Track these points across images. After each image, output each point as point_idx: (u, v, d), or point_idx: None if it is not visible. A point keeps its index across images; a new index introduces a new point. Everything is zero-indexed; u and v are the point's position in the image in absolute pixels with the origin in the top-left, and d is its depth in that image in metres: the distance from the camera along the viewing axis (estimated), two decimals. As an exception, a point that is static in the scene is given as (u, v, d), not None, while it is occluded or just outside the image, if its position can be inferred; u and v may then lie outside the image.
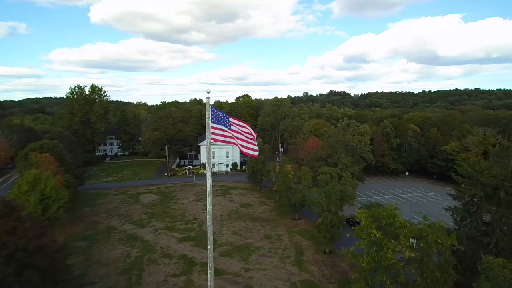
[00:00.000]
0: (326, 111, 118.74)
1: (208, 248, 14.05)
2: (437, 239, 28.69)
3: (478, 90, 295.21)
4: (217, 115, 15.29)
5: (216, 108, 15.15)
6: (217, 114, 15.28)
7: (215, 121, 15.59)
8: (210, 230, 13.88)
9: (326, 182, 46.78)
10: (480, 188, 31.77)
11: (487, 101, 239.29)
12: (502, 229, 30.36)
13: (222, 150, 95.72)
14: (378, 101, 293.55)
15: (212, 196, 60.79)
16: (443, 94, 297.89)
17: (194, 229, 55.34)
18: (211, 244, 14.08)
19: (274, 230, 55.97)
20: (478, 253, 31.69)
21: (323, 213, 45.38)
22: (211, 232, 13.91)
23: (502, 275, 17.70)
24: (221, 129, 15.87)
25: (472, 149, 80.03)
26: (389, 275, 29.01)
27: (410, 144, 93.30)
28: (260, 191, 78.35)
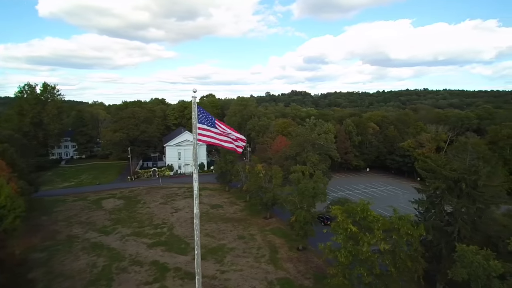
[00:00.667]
0: (291, 111, 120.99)
1: (196, 253, 13.46)
2: (407, 231, 30.47)
3: (427, 90, 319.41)
4: (203, 115, 14.80)
5: (201, 107, 14.63)
6: (203, 114, 14.78)
7: (201, 121, 15.07)
8: (198, 234, 13.27)
9: (299, 180, 47.62)
10: (442, 181, 34.20)
11: (435, 101, 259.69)
12: (464, 219, 32.92)
13: (189, 151, 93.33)
14: (337, 100, 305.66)
15: (181, 198, 59.07)
16: (396, 94, 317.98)
17: (164, 234, 53.33)
18: (199, 248, 13.50)
19: (246, 230, 55.78)
20: (443, 241, 34.14)
21: (296, 211, 46.08)
22: (199, 236, 13.34)
23: (476, 261, 19.17)
24: (207, 129, 15.40)
25: (426, 145, 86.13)
26: (366, 267, 30.16)
27: (370, 141, 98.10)
28: (229, 192, 77.72)
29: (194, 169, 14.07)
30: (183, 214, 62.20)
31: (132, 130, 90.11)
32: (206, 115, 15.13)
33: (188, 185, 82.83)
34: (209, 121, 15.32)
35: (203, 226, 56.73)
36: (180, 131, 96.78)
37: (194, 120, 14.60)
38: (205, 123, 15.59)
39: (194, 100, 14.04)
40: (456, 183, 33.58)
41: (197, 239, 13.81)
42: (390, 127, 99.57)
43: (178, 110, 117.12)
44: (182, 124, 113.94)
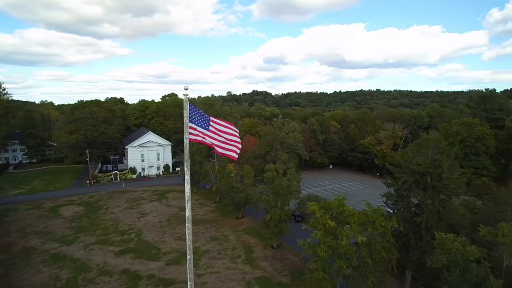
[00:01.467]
0: (255, 110, 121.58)
1: (188, 258, 12.88)
2: (382, 223, 32.01)
3: (379, 91, 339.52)
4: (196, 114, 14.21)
5: (194, 106, 14.07)
6: (196, 113, 14.19)
7: (193, 120, 14.51)
8: (190, 238, 12.71)
9: (273, 179, 47.88)
10: (410, 175, 36.40)
11: (387, 100, 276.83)
12: (430, 210, 35.31)
13: (153, 152, 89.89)
14: (297, 100, 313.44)
15: (147, 202, 56.89)
16: (351, 94, 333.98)
17: (132, 240, 50.69)
18: (191, 253, 12.89)
19: (219, 231, 54.97)
20: (411, 231, 36.35)
21: (271, 210, 46.32)
22: (191, 240, 12.78)
23: (454, 248, 20.67)
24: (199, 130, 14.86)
25: (384, 142, 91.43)
26: (345, 260, 31.16)
27: (333, 139, 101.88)
28: (198, 193, 76.10)
29: (186, 170, 13.38)
30: (151, 219, 59.65)
31: (90, 131, 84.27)
32: (199, 114, 14.48)
33: (153, 188, 79.66)
34: (203, 121, 14.72)
35: (173, 230, 55.00)
36: (143, 131, 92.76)
37: (185, 119, 13.96)
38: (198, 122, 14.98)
39: (185, 98, 13.39)
40: (422, 177, 35.92)
41: (189, 243, 13.10)
42: (350, 125, 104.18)
43: (139, 110, 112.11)
44: (144, 124, 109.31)
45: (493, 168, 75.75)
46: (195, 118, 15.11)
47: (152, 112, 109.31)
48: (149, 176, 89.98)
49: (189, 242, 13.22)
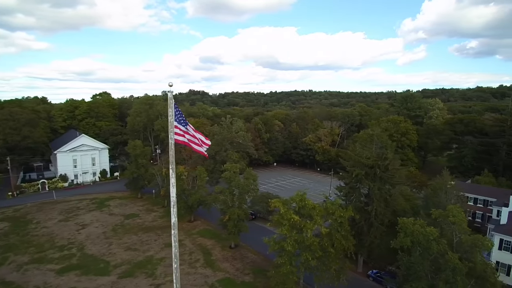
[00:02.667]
0: (198, 110, 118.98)
1: (174, 266, 12.33)
2: (341, 214, 34.18)
3: (312, 92, 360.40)
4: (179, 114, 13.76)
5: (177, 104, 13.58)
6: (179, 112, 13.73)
7: (177, 120, 14.00)
8: (176, 245, 12.14)
9: (230, 178, 47.42)
10: (361, 168, 39.48)
11: (318, 100, 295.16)
12: (378, 198, 38.79)
13: (87, 157, 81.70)
14: (235, 100, 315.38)
15: (85, 211, 52.73)
16: (286, 94, 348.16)
17: (74, 255, 45.53)
18: (177, 261, 12.40)
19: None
20: (363, 219, 39.46)
21: (229, 210, 45.89)
22: (177, 247, 12.22)
23: (416, 230, 23.09)
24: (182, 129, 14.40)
25: (324, 139, 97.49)
26: (310, 252, 32.50)
27: (276, 138, 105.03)
28: (143, 198, 71.60)
29: (172, 172, 12.65)
30: (93, 230, 54.27)
31: (10, 135, 72.73)
32: (181, 114, 14.00)
33: (90, 196, 72.48)
34: (183, 121, 14.26)
35: (121, 240, 50.93)
36: (74, 134, 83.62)
37: (170, 118, 13.26)
38: (181, 122, 14.43)
39: (170, 95, 12.80)
40: (371, 169, 39.27)
41: (176, 251, 12.45)
42: (292, 124, 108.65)
43: (67, 111, 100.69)
44: (73, 126, 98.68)
45: (416, 159, 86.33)
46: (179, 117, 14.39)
47: (83, 112, 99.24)
48: (84, 183, 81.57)
49: (175, 250, 12.42)
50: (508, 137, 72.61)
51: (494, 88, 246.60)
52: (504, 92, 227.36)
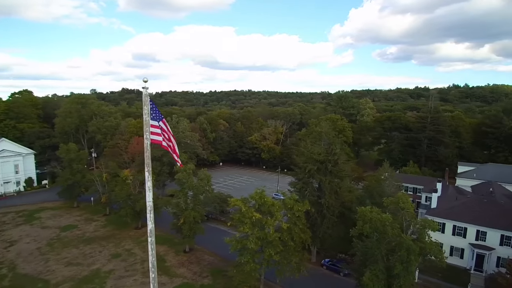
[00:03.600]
0: (136, 110, 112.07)
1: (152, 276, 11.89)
2: (299, 208, 35.56)
3: (251, 91, 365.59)
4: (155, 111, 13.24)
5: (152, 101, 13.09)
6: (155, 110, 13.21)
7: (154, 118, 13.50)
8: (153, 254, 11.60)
9: (183, 180, 45.75)
10: (313, 164, 41.51)
11: (258, 100, 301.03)
12: (329, 191, 41.24)
13: (9, 164, 71.25)
14: (173, 99, 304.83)
15: (12, 226, 47.87)
16: (226, 94, 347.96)
17: (5, 277, 39.81)
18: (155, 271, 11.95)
19: (120, 246, 48.94)
20: (316, 212, 41.55)
21: (184, 212, 44.35)
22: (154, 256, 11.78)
23: (374, 217, 25.14)
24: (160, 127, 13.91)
25: (268, 138, 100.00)
26: (272, 248, 33.17)
27: (222, 137, 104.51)
28: (80, 207, 65.17)
29: (148, 175, 12.04)
30: (25, 246, 47.76)
31: None
32: (158, 112, 13.37)
33: (16, 208, 63.48)
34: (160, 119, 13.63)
35: (59, 255, 45.78)
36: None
37: (145, 116, 12.63)
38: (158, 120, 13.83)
39: (145, 91, 12.14)
40: (322, 164, 41.57)
41: (153, 259, 11.90)
42: (237, 123, 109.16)
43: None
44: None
45: (352, 154, 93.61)
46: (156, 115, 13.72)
47: (0, 113, 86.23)
48: (5, 194, 70.98)
49: (152, 258, 11.80)
50: (428, 132, 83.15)
51: (411, 89, 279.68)
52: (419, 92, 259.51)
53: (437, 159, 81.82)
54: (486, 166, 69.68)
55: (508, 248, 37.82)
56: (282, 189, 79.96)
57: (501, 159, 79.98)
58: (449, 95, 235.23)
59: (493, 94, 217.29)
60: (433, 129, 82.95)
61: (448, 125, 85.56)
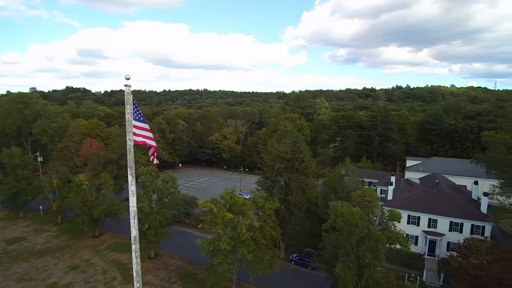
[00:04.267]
0: (86, 110, 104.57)
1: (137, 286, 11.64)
2: (269, 206, 36.07)
3: (207, 91, 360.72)
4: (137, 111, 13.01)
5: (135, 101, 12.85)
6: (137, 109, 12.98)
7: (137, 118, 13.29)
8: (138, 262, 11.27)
9: (147, 183, 43.82)
10: (280, 162, 42.30)
11: (214, 100, 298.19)
12: (297, 189, 42.34)
13: None
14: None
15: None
16: (181, 93, 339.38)
17: None
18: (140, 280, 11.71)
19: (76, 257, 45.50)
20: (284, 208, 42.40)
21: (149, 217, 42.50)
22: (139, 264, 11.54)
23: (345, 211, 26.35)
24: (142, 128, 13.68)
25: (229, 137, 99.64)
26: (246, 247, 33.22)
27: (181, 138, 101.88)
28: (27, 217, 59.39)
29: (132, 179, 11.66)
30: (-39, 265, 42.23)
31: None
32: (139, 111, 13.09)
33: None
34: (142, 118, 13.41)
35: (8, 270, 41.48)
36: None
37: (128, 116, 12.23)
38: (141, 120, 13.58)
39: (128, 89, 11.80)
40: (289, 162, 42.55)
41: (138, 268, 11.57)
42: (196, 123, 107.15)
43: None
44: None
45: (310, 152, 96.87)
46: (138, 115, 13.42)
47: None
48: None
49: (137, 267, 11.46)
50: (379, 130, 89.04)
51: (359, 90, 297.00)
52: (367, 93, 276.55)
53: (388, 155, 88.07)
54: (431, 160, 76.66)
55: (456, 234, 42.02)
56: (245, 188, 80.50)
57: (442, 153, 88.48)
58: (393, 95, 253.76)
59: (431, 94, 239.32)
60: (383, 127, 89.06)
61: (396, 123, 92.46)
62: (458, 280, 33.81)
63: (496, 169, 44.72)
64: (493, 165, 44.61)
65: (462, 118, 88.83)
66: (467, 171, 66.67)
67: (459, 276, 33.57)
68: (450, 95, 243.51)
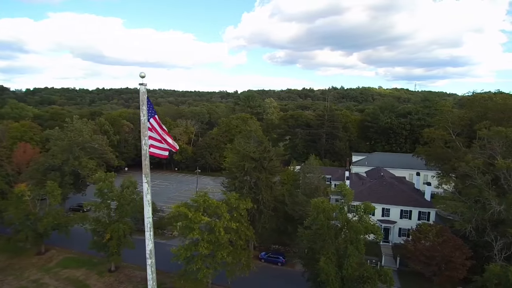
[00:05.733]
0: (12, 110, 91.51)
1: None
2: (244, 206, 36.10)
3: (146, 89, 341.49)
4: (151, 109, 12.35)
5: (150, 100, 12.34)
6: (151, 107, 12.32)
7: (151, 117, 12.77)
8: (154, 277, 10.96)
9: (104, 190, 40.28)
10: (249, 162, 42.55)
11: (154, 99, 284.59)
12: (265, 187, 43.01)
13: None
14: (50, 97, 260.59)
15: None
16: (117, 91, 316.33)
17: None
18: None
19: (23, 278, 40.15)
20: (254, 207, 42.73)
21: (111, 226, 39.24)
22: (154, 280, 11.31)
23: (326, 207, 27.68)
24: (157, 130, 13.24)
25: (180, 138, 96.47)
26: (224, 249, 32.79)
27: (126, 140, 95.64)
28: None
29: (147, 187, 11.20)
30: None
31: None
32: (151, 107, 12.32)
33: None
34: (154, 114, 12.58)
35: None
36: None
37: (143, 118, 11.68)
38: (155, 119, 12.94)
39: (143, 89, 11.04)
40: (257, 161, 43.03)
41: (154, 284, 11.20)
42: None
43: None
44: None
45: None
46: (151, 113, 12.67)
47: None
48: None
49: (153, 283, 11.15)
50: (326, 128, 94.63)
51: (299, 90, 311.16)
52: (306, 93, 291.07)
53: (334, 151, 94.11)
54: (373, 155, 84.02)
55: (406, 220, 46.94)
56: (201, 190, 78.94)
57: (380, 148, 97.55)
58: (329, 96, 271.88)
59: (363, 95, 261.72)
60: (330, 125, 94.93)
61: (340, 121, 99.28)
62: (413, 262, 37.99)
63: (434, 161, 50.99)
64: (432, 158, 50.79)
65: (396, 116, 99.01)
66: (404, 164, 74.71)
67: (415, 257, 37.76)
68: (379, 95, 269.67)
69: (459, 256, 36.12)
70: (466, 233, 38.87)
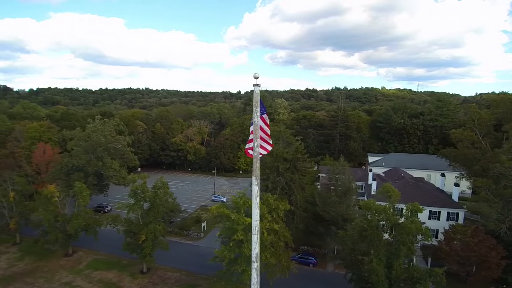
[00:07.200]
0: (24, 110, 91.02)
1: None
2: (283, 207, 35.95)
3: (149, 90, 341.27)
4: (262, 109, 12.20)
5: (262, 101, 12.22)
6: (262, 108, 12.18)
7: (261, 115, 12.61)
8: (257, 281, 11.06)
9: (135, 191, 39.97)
10: (282, 162, 42.41)
11: (158, 99, 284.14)
12: (298, 188, 42.87)
13: None
14: (54, 97, 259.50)
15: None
16: (120, 92, 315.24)
17: None
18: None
19: (54, 281, 39.81)
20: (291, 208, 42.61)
21: (145, 227, 38.97)
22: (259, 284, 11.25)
23: (377, 208, 27.70)
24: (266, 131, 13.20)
25: (194, 139, 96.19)
26: (267, 251, 32.66)
27: (140, 140, 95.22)
28: (-29, 239, 49.66)
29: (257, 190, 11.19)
30: None
31: None
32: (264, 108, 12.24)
33: None
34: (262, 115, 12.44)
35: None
36: None
37: (256, 119, 11.64)
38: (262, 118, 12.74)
39: (257, 90, 10.99)
40: (290, 162, 42.90)
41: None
42: (156, 124, 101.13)
43: None
44: None
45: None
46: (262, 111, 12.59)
47: None
48: None
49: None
50: (340, 129, 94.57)
51: (302, 90, 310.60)
52: (310, 93, 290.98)
53: (349, 152, 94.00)
54: (389, 155, 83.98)
55: (435, 221, 46.88)
56: (218, 190, 78.75)
57: (392, 149, 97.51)
58: (333, 96, 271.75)
59: (366, 95, 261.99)
60: (343, 126, 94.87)
61: (353, 122, 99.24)
62: (448, 262, 37.96)
63: (460, 162, 50.99)
64: (459, 159, 50.79)
65: (408, 117, 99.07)
66: (420, 165, 74.76)
67: (450, 258, 37.75)
68: (382, 96, 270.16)
69: (494, 256, 36.22)
70: (501, 233, 38.98)
